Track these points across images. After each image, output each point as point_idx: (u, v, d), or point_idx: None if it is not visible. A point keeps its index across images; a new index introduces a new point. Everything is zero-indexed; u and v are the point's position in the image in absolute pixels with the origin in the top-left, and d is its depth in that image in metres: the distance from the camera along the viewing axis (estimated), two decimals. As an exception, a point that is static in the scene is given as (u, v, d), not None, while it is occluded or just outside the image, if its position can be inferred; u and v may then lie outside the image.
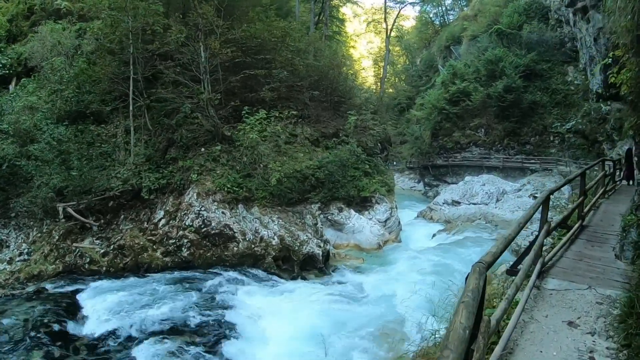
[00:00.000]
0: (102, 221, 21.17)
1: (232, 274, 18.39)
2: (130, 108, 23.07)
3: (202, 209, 20.78)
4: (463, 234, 26.55)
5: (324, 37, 37.46)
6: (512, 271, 8.16)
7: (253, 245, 19.75)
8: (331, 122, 29.02)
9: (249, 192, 21.86)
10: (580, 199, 11.42)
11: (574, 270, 8.40)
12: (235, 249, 19.71)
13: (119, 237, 19.95)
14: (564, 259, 9.12)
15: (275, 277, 18.71)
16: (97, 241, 20.15)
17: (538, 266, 7.65)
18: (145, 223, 21.13)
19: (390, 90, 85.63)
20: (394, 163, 70.64)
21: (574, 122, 40.61)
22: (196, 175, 22.10)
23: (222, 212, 20.80)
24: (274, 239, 19.99)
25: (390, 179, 29.75)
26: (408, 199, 46.67)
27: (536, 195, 27.55)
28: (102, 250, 19.39)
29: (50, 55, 26.93)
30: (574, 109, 42.36)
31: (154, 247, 19.75)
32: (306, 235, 20.60)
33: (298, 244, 19.95)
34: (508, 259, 20.92)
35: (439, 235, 27.47)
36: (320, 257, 19.82)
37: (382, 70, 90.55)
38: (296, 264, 19.41)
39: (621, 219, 11.21)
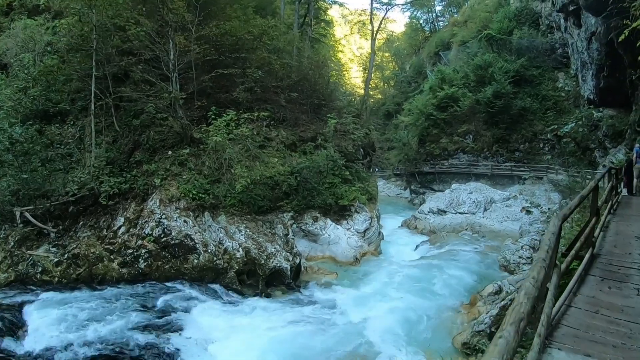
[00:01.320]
0: (61, 227, 19.56)
1: (189, 289, 16.80)
2: (92, 107, 21.51)
3: (163, 217, 19.06)
4: (447, 246, 24.87)
5: (308, 38, 35.89)
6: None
7: (215, 258, 18.01)
8: (310, 125, 27.44)
9: (215, 199, 20.23)
10: (592, 220, 8.88)
11: (588, 331, 5.75)
12: (196, 261, 17.97)
13: (75, 246, 18.23)
14: (573, 311, 6.36)
15: (235, 295, 17.02)
16: (53, 249, 18.46)
17: (541, 337, 4.99)
18: (105, 230, 19.45)
19: (379, 96, 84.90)
20: (376, 170, 69.51)
21: (573, 124, 39.17)
22: (159, 180, 20.47)
23: (184, 221, 19.09)
24: (238, 251, 18.26)
25: (373, 187, 28.22)
26: (394, 207, 45.10)
27: (530, 209, 25.98)
28: (55, 259, 17.68)
29: (21, 51, 25.60)
30: (565, 115, 41.18)
31: (111, 257, 18.04)
32: (274, 248, 18.90)
33: (265, 257, 18.25)
34: (501, 275, 19.85)
35: (422, 247, 25.79)
36: (289, 272, 18.12)
37: (374, 77, 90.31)
38: (261, 279, 17.69)
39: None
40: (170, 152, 22.04)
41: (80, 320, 13.76)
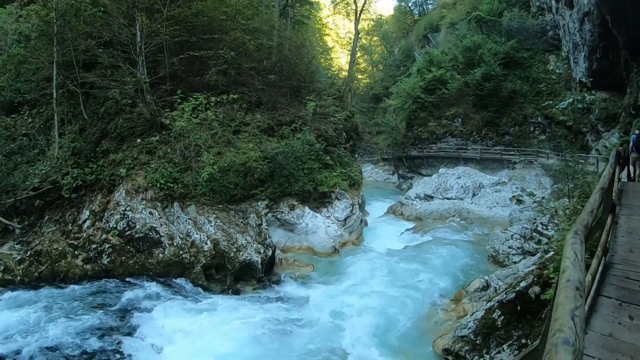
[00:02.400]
0: (26, 223, 18.75)
1: (153, 286, 15.70)
2: (55, 96, 20.49)
3: (128, 209, 17.86)
4: (433, 234, 23.68)
5: (290, 20, 34.30)
6: None
7: (181, 252, 16.76)
8: (289, 108, 26.12)
9: (185, 188, 18.99)
10: (608, 220, 7.09)
11: None
12: (161, 255, 16.75)
13: (38, 242, 17.19)
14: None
15: (202, 291, 15.80)
16: (18, 246, 17.76)
17: None
18: (70, 225, 18.42)
19: (368, 80, 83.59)
20: (361, 155, 68.46)
21: (570, 99, 37.83)
22: (125, 170, 19.26)
23: (150, 213, 17.83)
24: (206, 244, 16.99)
25: (356, 172, 26.97)
26: (381, 192, 44.16)
27: (521, 198, 24.57)
28: (18, 257, 16.65)
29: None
30: (556, 98, 39.96)
31: (76, 252, 16.92)
32: (245, 239, 17.63)
33: (235, 250, 16.98)
34: (489, 267, 18.66)
35: (406, 235, 24.56)
36: (260, 266, 16.87)
37: (360, 59, 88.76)
38: (230, 274, 16.43)
39: None
40: (139, 140, 20.83)
41: (36, 322, 12.93)
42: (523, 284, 9.60)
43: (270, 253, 17.77)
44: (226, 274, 16.48)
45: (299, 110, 25.75)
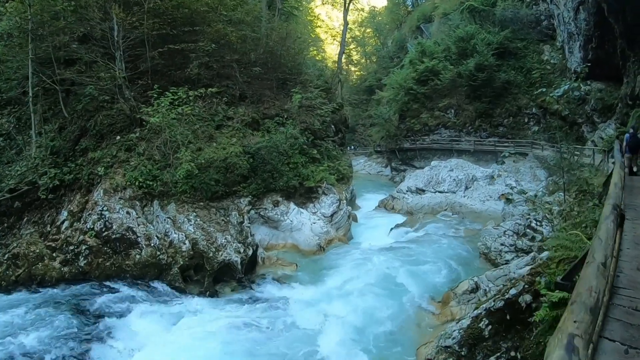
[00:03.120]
0: (5, 225, 18.33)
1: (129, 289, 15.19)
2: (30, 94, 19.98)
3: (105, 208, 17.22)
4: (424, 229, 23.02)
5: (277, 11, 33.37)
6: None
7: (158, 253, 16.10)
8: (275, 101, 25.38)
9: (165, 186, 18.31)
10: (616, 233, 5.67)
11: None
12: (138, 257, 16.12)
13: (16, 245, 16.73)
14: None
15: (178, 293, 15.16)
16: None
17: None
18: (49, 226, 17.95)
19: (361, 72, 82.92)
20: (353, 147, 68.01)
21: (566, 86, 37.01)
22: (103, 168, 18.66)
23: (127, 212, 17.19)
24: (184, 244, 16.33)
25: (344, 165, 26.24)
26: (374, 185, 43.76)
27: (510, 197, 23.47)
28: None
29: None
30: (551, 88, 39.23)
31: (53, 254, 16.40)
32: (225, 238, 16.94)
33: (214, 250, 16.32)
34: (480, 265, 17.89)
35: (396, 230, 23.83)
36: (239, 266, 16.23)
37: (354, 51, 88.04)
38: (208, 275, 15.78)
39: None
40: (118, 137, 20.22)
41: (5, 330, 12.42)
42: (513, 291, 8.77)
43: (250, 252, 17.14)
44: (204, 275, 15.84)
45: (285, 102, 25.01)
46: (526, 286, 8.55)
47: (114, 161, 19.07)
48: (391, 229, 24.08)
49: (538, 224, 17.02)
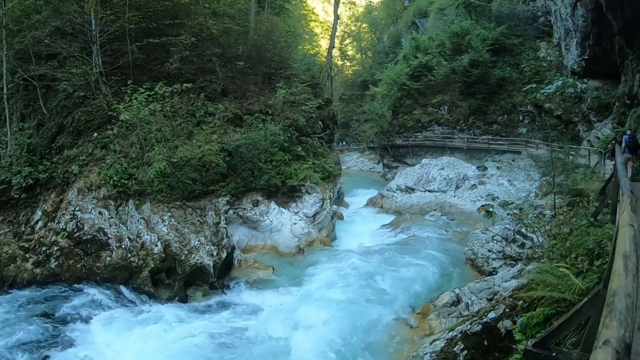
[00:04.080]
0: None
1: (98, 293, 14.59)
2: (5, 90, 19.48)
3: (77, 208, 16.57)
4: (410, 231, 22.18)
5: (267, 4, 32.38)
6: None
7: (129, 255, 15.39)
8: (260, 97, 24.52)
9: (140, 184, 17.58)
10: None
11: None
12: (108, 259, 15.44)
13: None
14: None
15: (147, 298, 14.52)
16: None
17: None
18: (23, 226, 17.37)
19: (356, 67, 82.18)
20: (349, 143, 67.26)
21: (560, 81, 36.14)
22: (78, 167, 17.97)
23: (99, 213, 16.52)
24: (156, 246, 15.62)
25: (330, 163, 25.43)
26: (365, 182, 43.23)
27: (490, 209, 21.20)
28: None
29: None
30: (542, 85, 38.51)
31: (26, 255, 15.87)
32: (199, 240, 16.23)
33: (186, 252, 15.61)
34: (466, 272, 17.18)
35: (382, 231, 23.13)
36: (212, 270, 15.50)
37: (349, 46, 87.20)
38: (179, 278, 15.06)
39: None
40: (95, 134, 19.49)
41: None
42: (492, 314, 7.92)
43: (224, 255, 16.43)
44: (176, 279, 15.11)
45: (270, 98, 24.14)
46: (507, 310, 7.71)
47: (90, 159, 18.43)
48: (377, 229, 23.37)
49: (528, 229, 16.27)
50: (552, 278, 6.64)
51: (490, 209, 19.04)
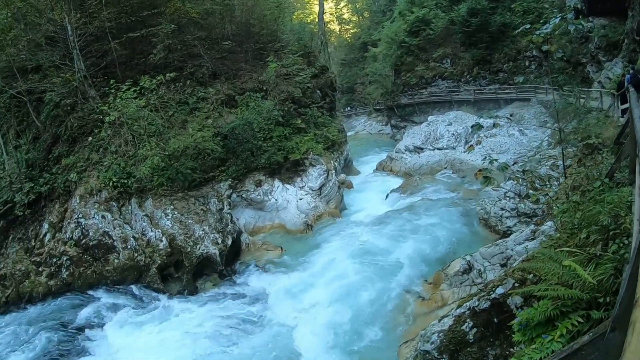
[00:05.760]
0: None
1: (109, 296, 14.76)
2: None
3: (81, 215, 16.62)
4: (420, 193, 21.62)
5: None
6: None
7: (136, 254, 15.40)
8: (253, 74, 23.92)
9: (140, 182, 17.39)
10: None
11: None
12: (116, 261, 15.52)
13: (3, 265, 16.37)
14: None
15: (158, 295, 14.47)
16: None
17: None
18: (33, 240, 17.40)
19: (354, 30, 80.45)
20: (355, 107, 66.22)
21: (557, 19, 34.81)
22: (76, 174, 18.02)
23: (102, 216, 16.54)
24: (161, 242, 15.56)
25: (333, 131, 24.88)
26: (374, 145, 42.66)
27: (488, 174, 19.89)
28: None
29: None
30: (539, 25, 36.98)
31: (39, 269, 16.00)
32: (203, 230, 16.01)
33: (191, 244, 15.44)
34: (480, 232, 16.74)
35: (392, 196, 22.52)
36: (218, 258, 15.31)
37: (344, 9, 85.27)
38: (187, 271, 14.89)
39: None
40: (90, 139, 19.42)
41: None
42: (500, 290, 7.41)
43: (230, 242, 16.21)
44: (184, 272, 14.93)
45: (263, 74, 23.49)
46: (516, 285, 7.15)
47: (87, 164, 18.47)
48: (387, 195, 22.83)
49: (541, 183, 15.61)
50: (556, 267, 5.72)
51: (488, 174, 17.87)
